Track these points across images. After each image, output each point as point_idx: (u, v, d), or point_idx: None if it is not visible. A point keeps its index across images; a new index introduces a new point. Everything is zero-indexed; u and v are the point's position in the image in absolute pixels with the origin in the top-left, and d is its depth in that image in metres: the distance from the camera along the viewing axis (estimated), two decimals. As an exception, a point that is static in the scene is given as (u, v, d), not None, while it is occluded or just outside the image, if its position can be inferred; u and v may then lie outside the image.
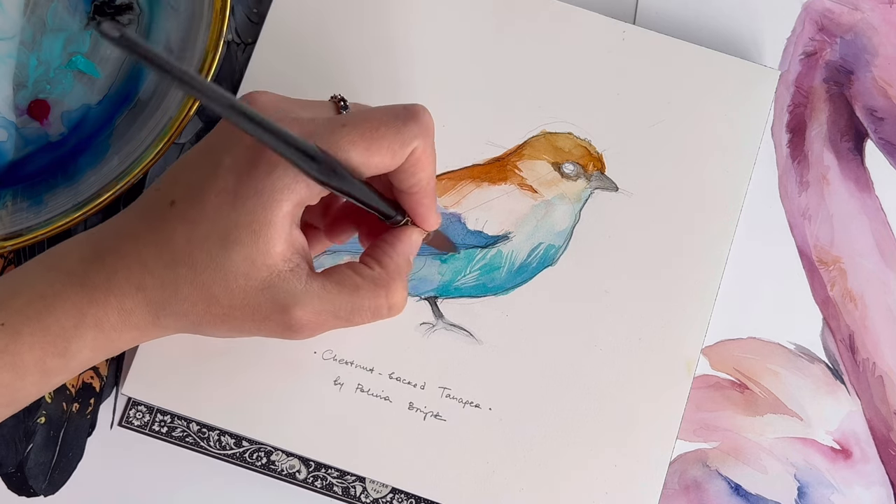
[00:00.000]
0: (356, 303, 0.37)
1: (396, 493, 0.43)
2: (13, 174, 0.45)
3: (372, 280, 0.37)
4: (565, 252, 0.45)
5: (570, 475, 0.43)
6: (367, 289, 0.37)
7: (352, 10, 0.46)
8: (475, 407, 0.43)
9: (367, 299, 0.37)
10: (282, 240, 0.35)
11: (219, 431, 0.43)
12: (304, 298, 0.36)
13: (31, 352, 0.35)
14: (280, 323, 0.36)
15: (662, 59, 0.46)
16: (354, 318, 0.37)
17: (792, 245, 0.47)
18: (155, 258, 0.36)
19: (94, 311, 0.36)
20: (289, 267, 0.35)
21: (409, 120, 0.36)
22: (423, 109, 0.36)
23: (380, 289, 0.37)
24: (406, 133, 0.35)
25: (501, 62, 0.46)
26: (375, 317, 0.37)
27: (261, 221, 0.35)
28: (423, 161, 0.36)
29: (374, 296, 0.37)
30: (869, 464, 0.45)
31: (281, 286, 0.35)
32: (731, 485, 0.44)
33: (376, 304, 0.37)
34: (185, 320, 0.36)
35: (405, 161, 0.36)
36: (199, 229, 0.35)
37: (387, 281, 0.37)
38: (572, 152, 0.45)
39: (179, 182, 0.37)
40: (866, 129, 0.48)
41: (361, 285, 0.37)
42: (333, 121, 0.35)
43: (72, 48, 0.46)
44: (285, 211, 0.35)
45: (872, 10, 0.49)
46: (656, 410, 0.43)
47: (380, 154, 0.35)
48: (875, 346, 0.46)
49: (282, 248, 0.35)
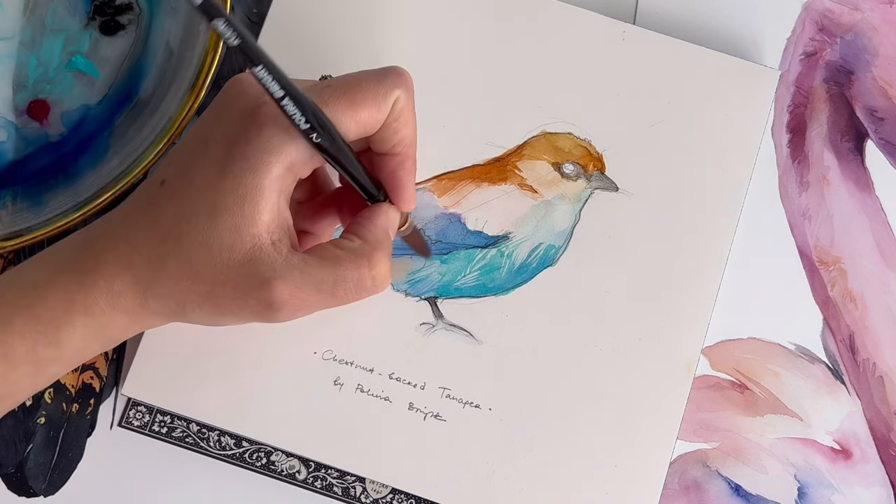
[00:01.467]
0: (338, 274, 0.36)
1: (396, 494, 0.43)
2: (13, 174, 0.45)
3: (353, 251, 0.37)
4: (565, 252, 0.45)
5: (570, 475, 0.43)
6: (349, 260, 0.36)
7: (351, 11, 0.46)
8: (475, 407, 0.43)
9: (349, 270, 0.36)
10: (268, 208, 0.35)
11: (219, 431, 0.43)
12: (284, 271, 0.35)
13: (22, 341, 0.35)
14: (261, 300, 0.35)
15: (662, 59, 0.46)
16: (338, 291, 0.36)
17: (792, 245, 0.47)
18: (144, 237, 0.36)
19: (84, 296, 0.36)
20: (271, 240, 0.35)
21: (389, 73, 0.37)
22: (401, 68, 0.38)
23: (361, 259, 0.37)
24: (387, 83, 0.36)
25: (501, 62, 0.46)
26: (359, 289, 0.37)
27: (248, 185, 0.35)
28: (405, 114, 0.37)
29: (356, 266, 0.36)
30: (869, 464, 0.45)
31: (262, 259, 0.35)
32: (732, 485, 0.44)
33: (359, 274, 0.36)
34: (171, 301, 0.36)
35: (388, 116, 0.36)
36: (187, 204, 0.35)
37: (368, 252, 0.37)
38: (572, 152, 0.45)
39: (171, 163, 0.37)
40: (866, 130, 0.48)
41: (343, 256, 0.36)
42: (317, 84, 0.37)
43: (72, 48, 0.46)
44: (274, 175, 0.35)
45: (872, 10, 0.49)
46: (656, 411, 0.43)
47: (364, 106, 0.36)
48: (875, 346, 0.46)
49: (267, 218, 0.35)
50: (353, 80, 0.36)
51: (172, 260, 0.35)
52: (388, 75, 0.37)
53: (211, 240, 0.35)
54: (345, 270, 0.36)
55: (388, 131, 0.37)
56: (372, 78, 0.37)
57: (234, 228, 0.35)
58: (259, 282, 0.35)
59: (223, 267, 0.35)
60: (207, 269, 0.35)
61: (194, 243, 0.35)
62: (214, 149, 0.36)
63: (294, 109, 0.34)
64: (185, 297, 0.36)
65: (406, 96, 0.37)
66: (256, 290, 0.35)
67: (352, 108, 0.36)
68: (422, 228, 0.44)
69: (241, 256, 0.35)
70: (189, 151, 0.37)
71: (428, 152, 0.45)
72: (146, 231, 0.36)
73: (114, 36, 0.47)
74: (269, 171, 0.35)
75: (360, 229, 0.38)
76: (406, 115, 0.37)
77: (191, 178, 0.36)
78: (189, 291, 0.36)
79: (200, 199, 0.35)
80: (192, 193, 0.35)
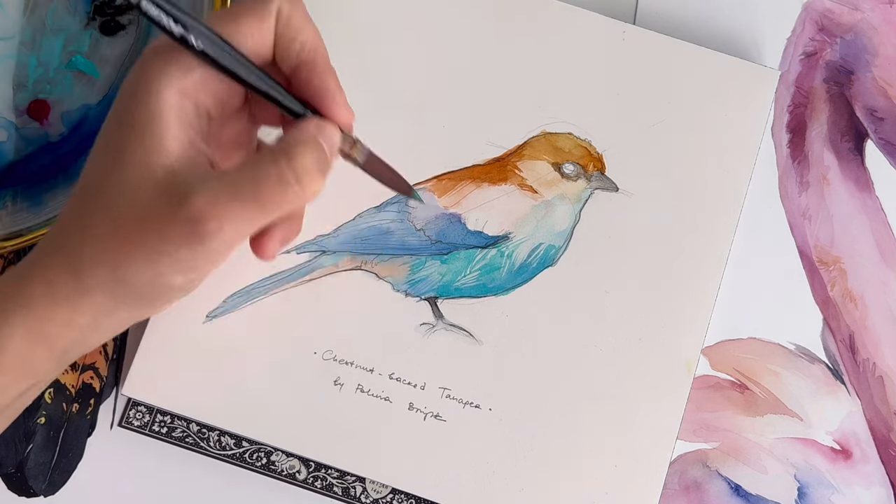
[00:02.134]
0: (256, 173, 0.33)
1: (396, 494, 0.43)
2: (13, 174, 0.45)
3: (270, 150, 0.34)
4: (565, 252, 0.45)
5: (570, 475, 0.43)
6: (266, 157, 0.33)
7: (351, 10, 0.46)
8: (475, 407, 0.43)
9: (267, 168, 0.33)
10: (171, 135, 0.33)
11: (219, 431, 0.43)
12: (199, 184, 0.33)
13: None
14: (183, 220, 0.32)
15: (662, 59, 0.46)
16: (260, 194, 0.33)
17: (792, 245, 0.47)
18: (70, 207, 0.35)
19: (20, 289, 0.34)
20: (184, 163, 0.33)
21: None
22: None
23: (278, 154, 0.33)
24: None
25: (501, 62, 0.46)
26: (283, 187, 0.33)
27: (144, 116, 0.33)
28: (295, 19, 0.36)
29: (274, 161, 0.33)
30: (869, 464, 0.45)
31: (177, 181, 0.33)
32: (732, 485, 0.44)
33: (277, 170, 0.33)
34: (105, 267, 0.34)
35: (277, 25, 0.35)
36: (95, 158, 0.35)
37: (286, 147, 0.34)
38: (572, 152, 0.45)
39: None
40: (866, 130, 0.48)
41: (260, 157, 0.34)
42: None
43: (72, 48, 0.46)
44: (169, 103, 0.33)
45: (872, 10, 0.49)
46: (656, 410, 0.43)
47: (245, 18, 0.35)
48: (875, 346, 0.46)
49: (173, 144, 0.33)
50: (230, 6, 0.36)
51: (94, 215, 0.34)
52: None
53: (121, 180, 0.33)
54: (263, 169, 0.33)
55: (283, 42, 0.35)
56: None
57: (141, 163, 0.33)
58: (175, 201, 0.33)
59: (142, 203, 0.33)
60: (126, 211, 0.33)
61: (108, 189, 0.33)
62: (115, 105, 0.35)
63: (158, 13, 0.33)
64: (115, 255, 0.33)
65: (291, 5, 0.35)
66: (176, 211, 0.32)
67: (234, 22, 0.34)
68: (421, 228, 0.44)
69: (156, 187, 0.33)
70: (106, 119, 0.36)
71: (428, 152, 0.45)
72: (70, 200, 0.35)
73: (114, 36, 0.47)
74: (163, 96, 0.33)
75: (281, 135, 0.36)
76: (297, 20, 0.35)
77: (99, 136, 0.35)
78: (117, 246, 0.33)
79: (104, 146, 0.34)
80: (99, 147, 0.35)
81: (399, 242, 0.44)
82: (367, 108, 0.45)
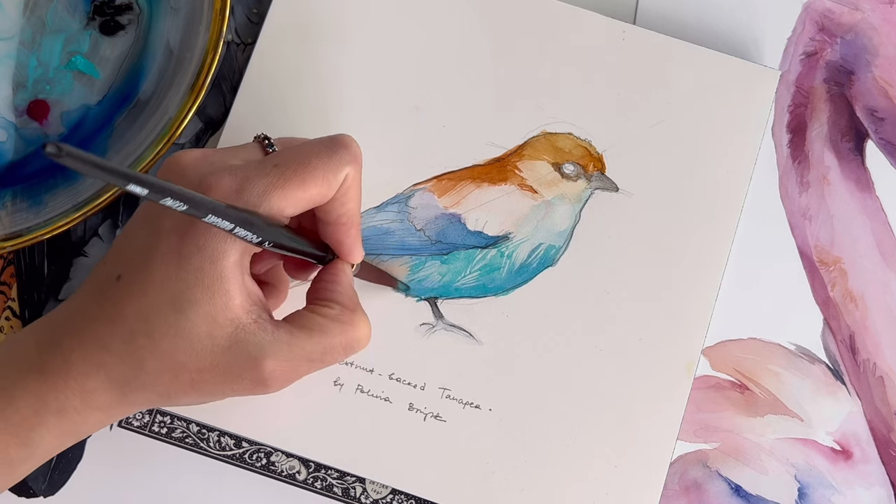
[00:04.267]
0: (327, 343, 0.36)
1: (396, 494, 0.43)
2: (13, 174, 0.45)
3: (336, 319, 0.37)
4: (565, 252, 0.45)
5: (571, 476, 0.42)
6: (334, 327, 0.37)
7: (352, 11, 0.46)
8: (475, 408, 0.43)
9: (337, 337, 0.37)
10: (238, 292, 0.35)
11: (218, 432, 0.43)
12: (273, 349, 0.35)
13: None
14: (253, 379, 0.35)
15: (662, 59, 0.46)
16: (327, 358, 0.37)
17: (792, 245, 0.47)
18: (109, 334, 0.35)
19: (55, 395, 0.35)
20: (252, 318, 0.35)
21: (340, 148, 0.36)
22: (350, 138, 0.37)
23: (346, 325, 0.37)
24: (337, 160, 0.36)
25: (501, 62, 0.46)
26: (347, 353, 0.37)
27: (212, 276, 0.34)
28: (353, 189, 0.37)
29: (343, 332, 0.37)
30: (869, 464, 0.45)
31: (248, 340, 0.35)
32: (732, 485, 0.44)
33: (346, 339, 0.37)
34: (153, 393, 0.36)
35: (337, 190, 0.36)
36: (148, 298, 0.34)
37: (350, 316, 0.37)
38: (572, 152, 0.45)
39: (123, 254, 0.36)
40: (867, 130, 0.48)
41: (327, 326, 0.37)
42: (265, 162, 0.36)
43: (71, 48, 0.46)
44: (233, 261, 0.34)
45: (873, 10, 0.49)
46: (656, 411, 0.43)
47: (315, 184, 0.35)
48: (876, 346, 0.46)
49: (241, 300, 0.35)
50: (302, 157, 0.36)
51: (149, 356, 0.35)
52: (337, 150, 0.36)
53: (187, 331, 0.34)
54: (333, 338, 0.37)
55: (334, 204, 0.37)
56: (322, 154, 0.36)
57: (210, 317, 0.34)
58: (250, 362, 0.35)
59: (207, 354, 0.35)
60: (190, 359, 0.35)
61: (167, 336, 0.34)
62: (167, 239, 0.35)
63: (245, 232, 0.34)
64: (169, 389, 0.35)
65: (354, 171, 0.37)
66: (248, 371, 0.35)
67: (302, 189, 0.35)
68: (422, 229, 0.44)
69: (225, 341, 0.35)
70: (140, 242, 0.36)
71: (428, 152, 0.45)
72: (110, 327, 0.35)
73: (114, 36, 0.47)
74: (228, 258, 0.34)
75: (333, 295, 0.38)
76: (353, 190, 0.37)
77: (148, 271, 0.35)
78: (173, 383, 0.35)
79: (163, 294, 0.34)
80: (153, 289, 0.34)
81: (399, 242, 0.44)
82: (367, 108, 0.45)
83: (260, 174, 0.35)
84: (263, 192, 0.35)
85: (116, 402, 0.35)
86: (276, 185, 0.35)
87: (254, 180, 0.35)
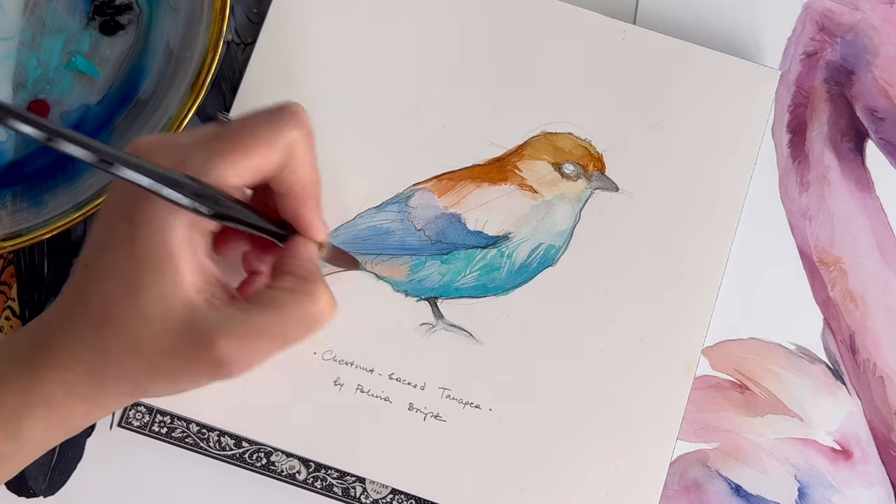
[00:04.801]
0: (282, 317, 0.35)
1: (396, 494, 0.43)
2: (13, 174, 0.45)
3: (290, 291, 0.36)
4: (565, 252, 0.45)
5: (571, 476, 0.42)
6: (289, 300, 0.35)
7: (351, 11, 0.46)
8: (475, 407, 0.43)
9: (292, 309, 0.35)
10: (189, 270, 0.34)
11: (218, 432, 0.43)
12: (225, 327, 0.34)
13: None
14: (209, 360, 0.34)
15: (662, 59, 0.46)
16: (287, 333, 0.35)
17: (792, 245, 0.47)
18: (84, 326, 0.35)
19: (40, 388, 0.35)
20: (204, 298, 0.34)
21: (284, 113, 0.36)
22: (298, 105, 0.36)
23: (302, 297, 0.36)
24: (281, 124, 0.35)
25: (501, 62, 0.46)
26: (308, 327, 0.36)
27: (160, 254, 0.34)
28: (301, 154, 0.36)
29: (299, 304, 0.36)
30: (869, 464, 0.45)
31: (200, 319, 0.34)
32: (732, 485, 0.44)
33: (303, 311, 0.36)
34: (125, 382, 0.35)
35: (286, 157, 0.36)
36: (107, 284, 0.35)
37: (305, 286, 0.36)
38: (572, 152, 0.45)
39: (91, 243, 0.36)
40: (867, 130, 0.48)
41: (282, 298, 0.36)
42: (209, 134, 0.36)
43: (71, 48, 0.46)
44: (180, 237, 0.34)
45: (873, 10, 0.49)
46: (656, 411, 0.43)
47: (258, 150, 0.35)
48: (876, 346, 0.46)
49: (192, 279, 0.34)
50: (245, 126, 0.35)
51: (112, 344, 0.34)
52: (281, 116, 0.36)
53: (143, 315, 0.34)
54: (288, 311, 0.35)
55: (285, 172, 0.36)
56: (263, 121, 0.36)
57: (162, 298, 0.34)
58: (204, 343, 0.34)
59: (163, 337, 0.34)
60: (148, 344, 0.34)
61: (126, 323, 0.34)
62: (121, 223, 0.35)
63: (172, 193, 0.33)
64: (136, 377, 0.35)
65: (302, 136, 0.36)
66: (203, 352, 0.34)
67: (245, 156, 0.35)
68: (422, 228, 0.44)
69: (178, 323, 0.34)
70: (103, 230, 0.36)
71: (428, 152, 0.45)
72: (81, 318, 0.35)
73: (114, 36, 0.47)
74: (175, 233, 0.34)
75: (288, 268, 0.37)
76: (302, 155, 0.36)
77: (106, 257, 0.35)
78: (138, 371, 0.35)
79: (118, 278, 0.34)
80: (109, 273, 0.35)
81: (399, 242, 0.44)
82: (367, 108, 0.45)
83: (202, 144, 0.35)
84: (205, 162, 0.34)
85: (97, 393, 0.35)
86: (217, 152, 0.34)
87: (197, 149, 0.34)
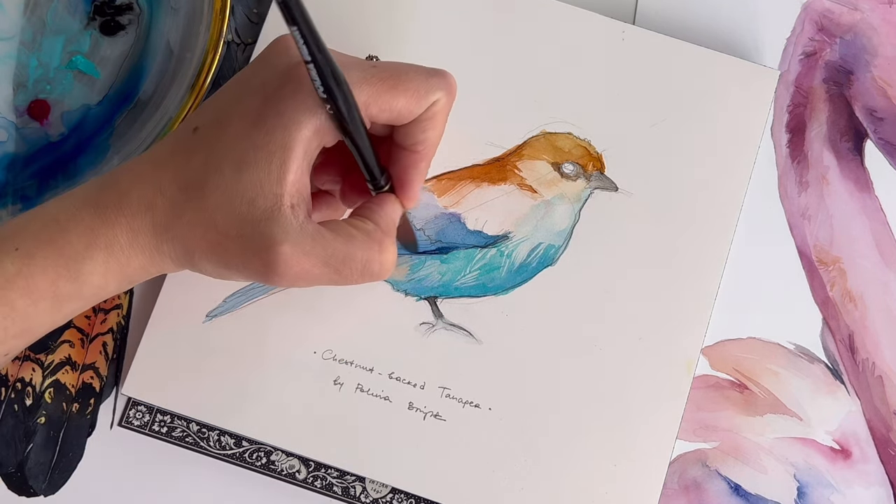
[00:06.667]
0: (350, 251, 0.36)
1: (396, 493, 0.43)
2: (13, 175, 0.45)
3: (367, 233, 0.37)
4: (565, 252, 0.45)
5: (570, 475, 0.43)
6: (362, 239, 0.37)
7: (351, 11, 0.46)
8: (475, 407, 0.43)
9: (360, 250, 0.37)
10: (294, 168, 0.35)
11: (219, 431, 0.43)
12: (296, 237, 0.35)
13: (44, 275, 0.35)
14: (265, 261, 0.35)
15: (662, 59, 0.46)
16: (344, 269, 0.37)
17: (792, 245, 0.47)
18: (170, 181, 0.36)
19: (105, 230, 0.36)
20: (291, 202, 0.35)
21: (438, 73, 0.38)
22: (450, 74, 0.38)
23: (374, 242, 0.37)
24: (433, 82, 0.37)
25: (501, 62, 0.46)
26: (365, 272, 0.37)
27: (278, 142, 0.35)
28: (438, 117, 0.38)
29: (368, 248, 0.37)
30: (869, 464, 0.45)
31: (278, 220, 0.35)
32: (731, 485, 0.44)
33: (369, 256, 0.37)
34: (180, 246, 0.36)
35: (423, 112, 0.37)
36: (217, 152, 0.36)
37: (380, 236, 0.37)
38: (572, 152, 0.45)
39: (206, 110, 0.38)
40: (866, 130, 0.48)
41: (356, 235, 0.37)
42: (365, 63, 0.37)
43: (72, 48, 0.47)
44: (304, 135, 0.35)
45: (872, 10, 0.49)
46: (656, 410, 0.43)
47: (405, 95, 0.37)
48: (875, 346, 0.46)
49: (292, 178, 0.35)
50: (400, 69, 0.37)
51: (191, 205, 0.36)
52: (435, 75, 0.38)
53: (234, 192, 0.35)
54: (356, 249, 0.37)
55: (416, 127, 0.38)
56: (420, 72, 0.37)
57: (259, 183, 0.35)
58: (269, 242, 0.35)
59: (239, 220, 0.35)
60: (223, 220, 0.35)
61: (216, 193, 0.35)
62: (250, 100, 0.36)
63: (315, 76, 0.34)
64: (194, 245, 0.36)
65: (446, 100, 0.38)
66: (264, 250, 0.35)
67: (391, 93, 0.36)
68: (421, 228, 0.44)
69: (260, 213, 0.35)
70: (225, 101, 0.37)
71: (428, 152, 0.45)
72: (173, 174, 0.36)
73: (114, 36, 0.47)
74: (300, 131, 0.35)
75: (372, 214, 0.38)
76: (439, 118, 0.38)
77: (224, 128, 0.36)
78: (200, 239, 0.36)
79: (230, 151, 0.35)
80: (224, 144, 0.36)
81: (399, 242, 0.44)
82: (367, 108, 0.46)
83: (357, 68, 0.36)
84: (356, 83, 0.35)
85: (154, 248, 0.36)
86: (369, 81, 0.36)
87: (350, 70, 0.36)
